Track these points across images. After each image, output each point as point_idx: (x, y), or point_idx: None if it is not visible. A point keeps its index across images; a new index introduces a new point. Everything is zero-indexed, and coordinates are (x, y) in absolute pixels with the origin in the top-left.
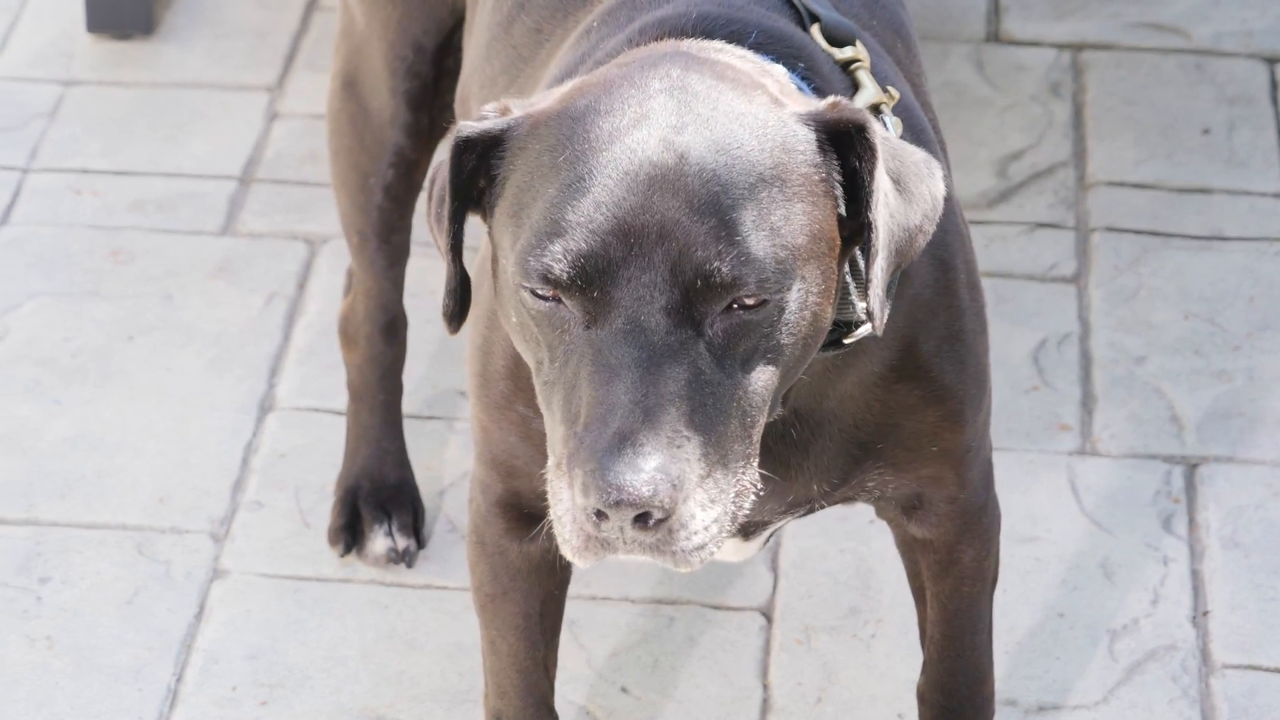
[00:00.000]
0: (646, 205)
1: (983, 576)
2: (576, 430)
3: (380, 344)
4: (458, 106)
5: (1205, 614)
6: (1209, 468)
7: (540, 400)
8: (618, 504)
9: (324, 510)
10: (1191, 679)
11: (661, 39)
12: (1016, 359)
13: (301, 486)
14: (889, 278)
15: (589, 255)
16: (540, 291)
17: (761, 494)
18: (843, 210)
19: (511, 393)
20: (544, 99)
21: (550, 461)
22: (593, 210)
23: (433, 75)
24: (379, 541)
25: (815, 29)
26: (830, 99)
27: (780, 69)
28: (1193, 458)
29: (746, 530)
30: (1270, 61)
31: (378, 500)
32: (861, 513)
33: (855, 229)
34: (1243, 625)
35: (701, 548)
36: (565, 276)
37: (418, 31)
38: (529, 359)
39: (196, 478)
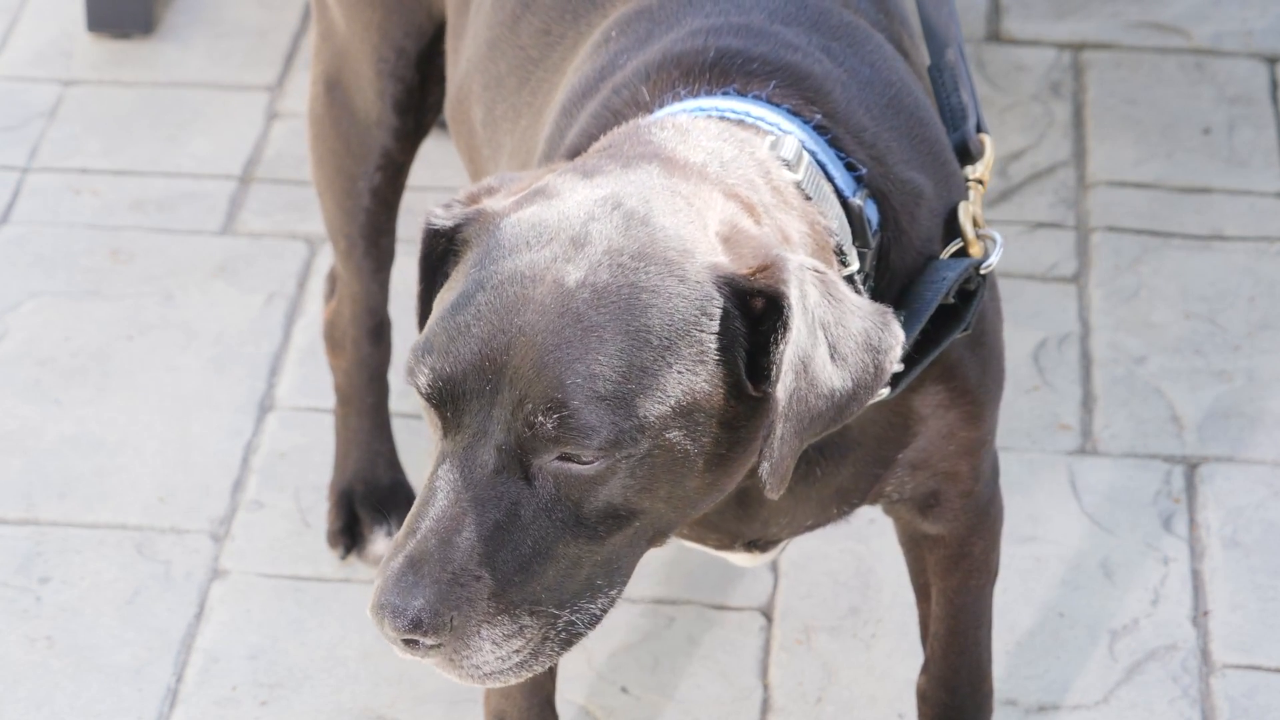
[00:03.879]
0: (511, 344)
1: (988, 569)
2: (396, 534)
3: (368, 347)
4: (452, 106)
5: (1205, 614)
6: (1209, 467)
7: None
8: (382, 623)
9: (324, 510)
10: (1192, 679)
11: (674, 82)
12: (1017, 359)
13: (301, 486)
14: (798, 445)
15: (447, 379)
16: (423, 391)
17: (780, 519)
18: (744, 376)
19: None
20: (516, 186)
21: None
22: (462, 334)
23: (417, 79)
24: (380, 542)
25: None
26: (763, 259)
27: (790, 141)
28: (1193, 457)
29: (763, 546)
30: (1270, 61)
31: (374, 502)
32: (862, 513)
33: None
34: (1243, 625)
35: (491, 674)
36: (426, 392)
37: (398, 35)
38: None
39: (196, 478)
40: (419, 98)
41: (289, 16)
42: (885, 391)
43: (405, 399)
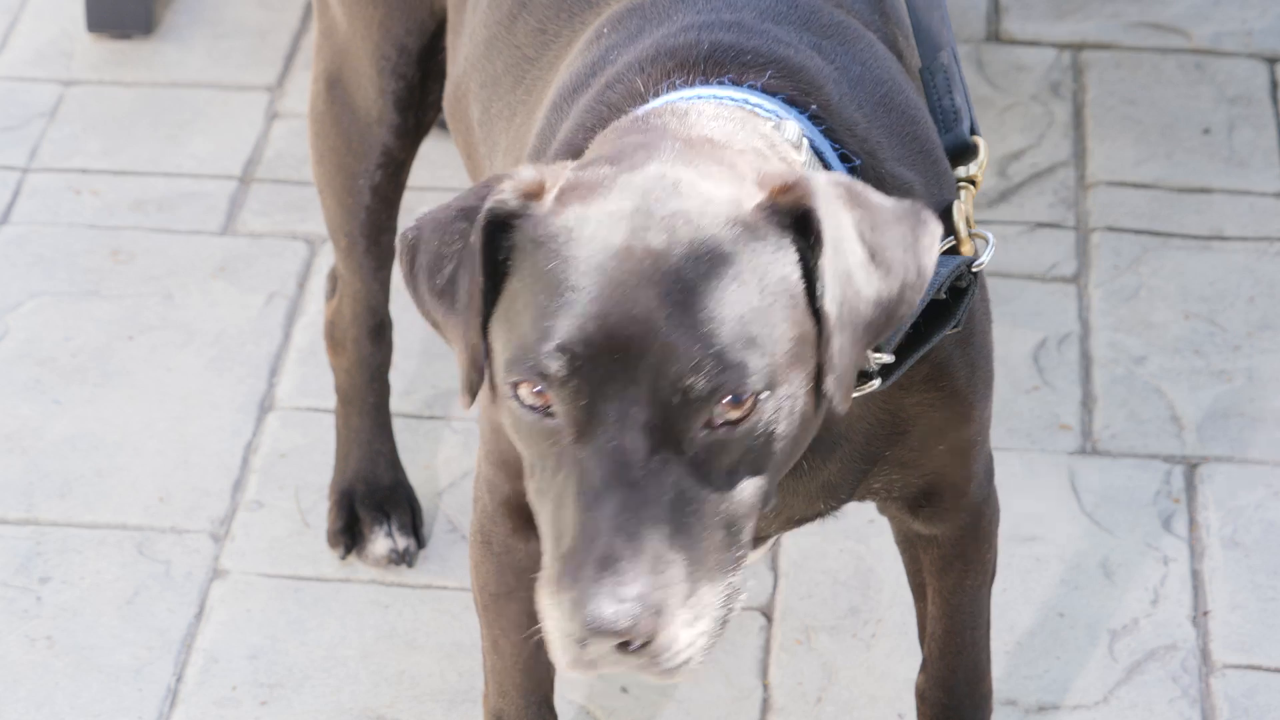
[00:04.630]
0: (629, 319)
1: (984, 569)
2: (562, 553)
3: (369, 346)
4: (450, 105)
5: (1205, 614)
6: (1209, 467)
7: (532, 502)
8: (598, 634)
9: (324, 510)
10: (1191, 679)
11: (670, 72)
12: (1016, 359)
13: (301, 486)
14: (856, 355)
15: (582, 359)
16: (528, 402)
17: (769, 512)
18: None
19: None
20: (551, 178)
21: (543, 573)
22: (581, 321)
23: (418, 76)
24: (380, 543)
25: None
26: (782, 180)
27: (791, 125)
28: (1193, 457)
29: (755, 540)
30: (1270, 61)
31: (375, 502)
32: (860, 513)
33: None
34: (1243, 625)
35: (687, 662)
36: (560, 374)
37: (400, 32)
38: (522, 456)
39: (196, 477)
40: (420, 95)
41: (289, 16)
42: (877, 383)
43: (406, 399)
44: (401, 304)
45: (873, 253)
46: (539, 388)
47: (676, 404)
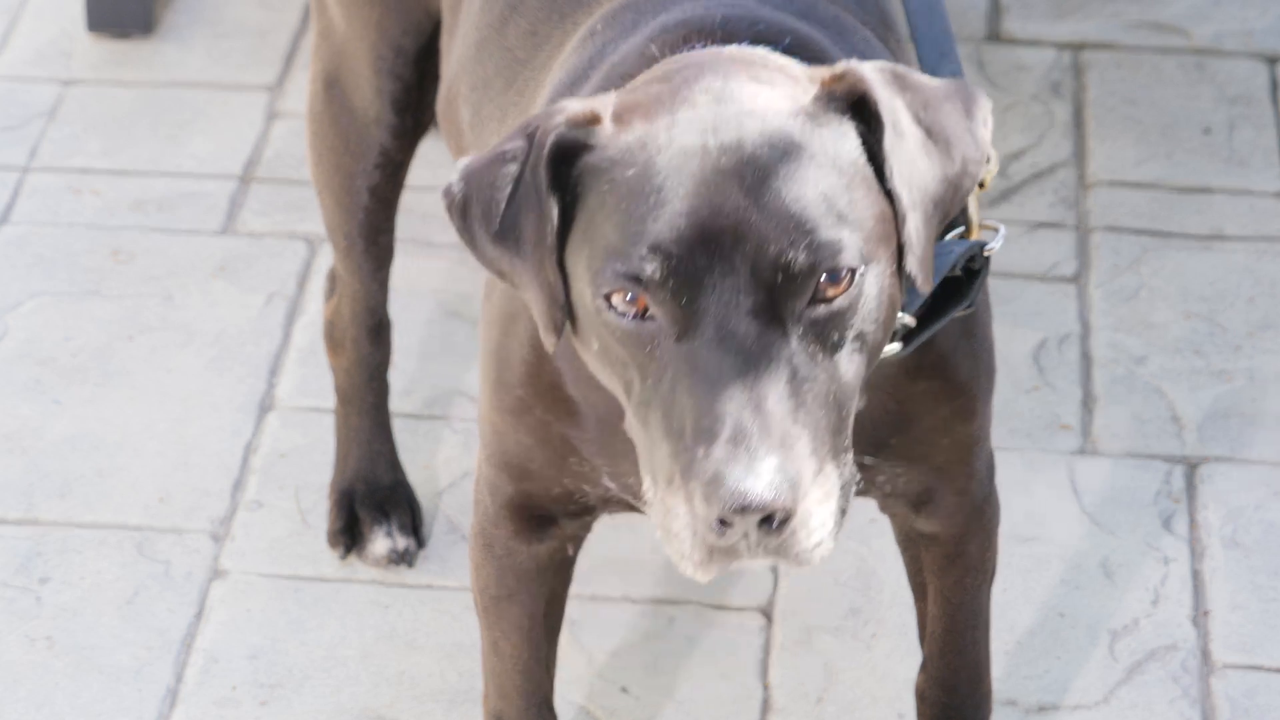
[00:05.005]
0: (718, 210)
1: (985, 569)
2: (685, 444)
3: (368, 346)
4: (442, 108)
5: (1205, 614)
6: (1209, 467)
7: (634, 421)
8: (743, 510)
9: (324, 510)
10: (1192, 679)
11: (687, 38)
12: (1017, 359)
13: (302, 486)
14: (930, 233)
15: (676, 258)
16: (623, 310)
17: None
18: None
19: (530, 398)
20: (598, 106)
21: (656, 480)
22: (671, 218)
23: (415, 77)
24: (380, 543)
25: None
26: (833, 70)
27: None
28: (1193, 457)
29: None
30: (1271, 61)
31: (374, 502)
32: (861, 512)
33: None
34: (1243, 625)
35: (820, 544)
36: (656, 276)
37: (397, 33)
38: (616, 384)
39: (196, 477)
40: (417, 96)
41: (289, 16)
42: (898, 346)
43: (405, 399)
44: (402, 306)
45: (929, 131)
46: (632, 295)
47: (779, 284)
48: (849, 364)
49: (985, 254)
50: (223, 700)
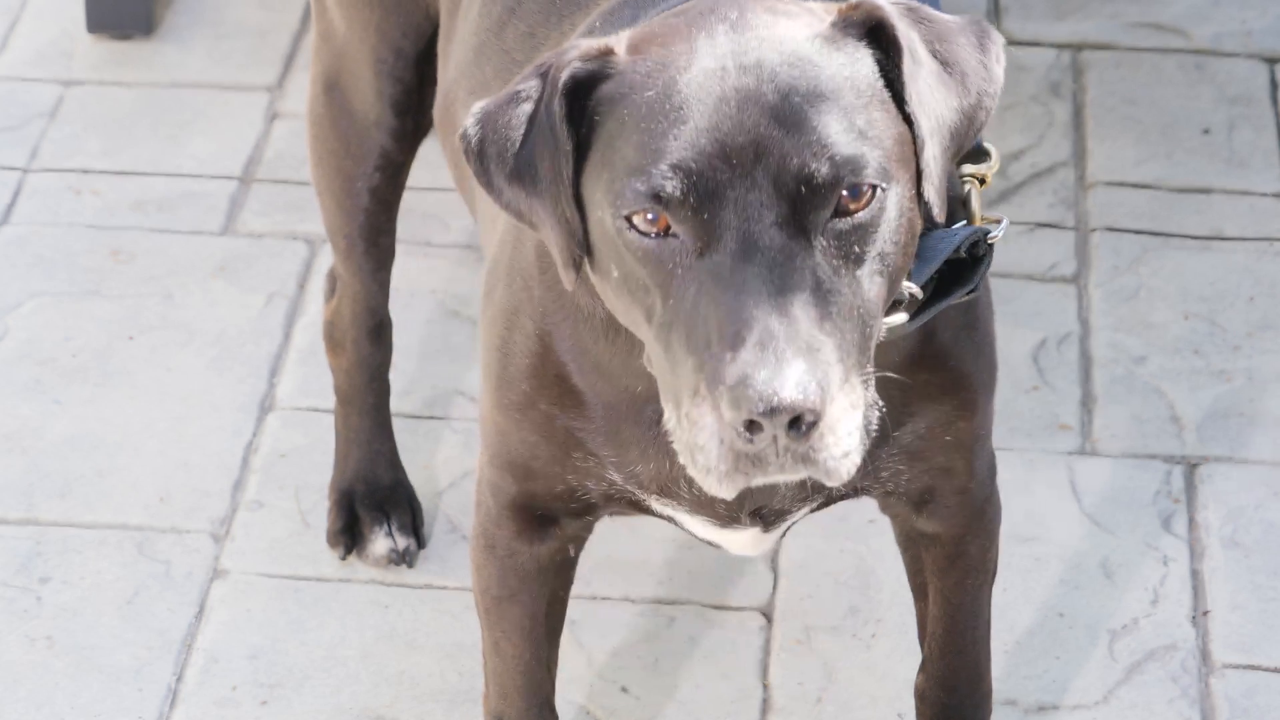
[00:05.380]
0: (739, 127)
1: (985, 569)
2: (711, 353)
3: (368, 347)
4: (439, 113)
5: (1205, 614)
6: (1209, 467)
7: (655, 347)
8: (772, 410)
9: (324, 510)
10: (1191, 679)
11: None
12: (1016, 359)
13: (302, 486)
14: (947, 164)
15: (697, 174)
16: (645, 229)
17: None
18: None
19: (534, 392)
20: (611, 41)
21: (680, 399)
22: (692, 136)
23: (415, 80)
24: (380, 543)
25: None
26: (848, 1)
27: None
28: (1193, 457)
29: (767, 520)
30: (1270, 61)
31: (374, 502)
32: (861, 513)
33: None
34: (1242, 625)
35: (848, 455)
36: (678, 193)
37: (397, 36)
38: (636, 313)
39: (197, 478)
40: (417, 98)
41: (289, 17)
42: (904, 318)
43: (405, 399)
44: (402, 306)
45: (944, 63)
46: (654, 214)
47: (802, 196)
48: (871, 283)
49: (989, 241)
50: (223, 700)
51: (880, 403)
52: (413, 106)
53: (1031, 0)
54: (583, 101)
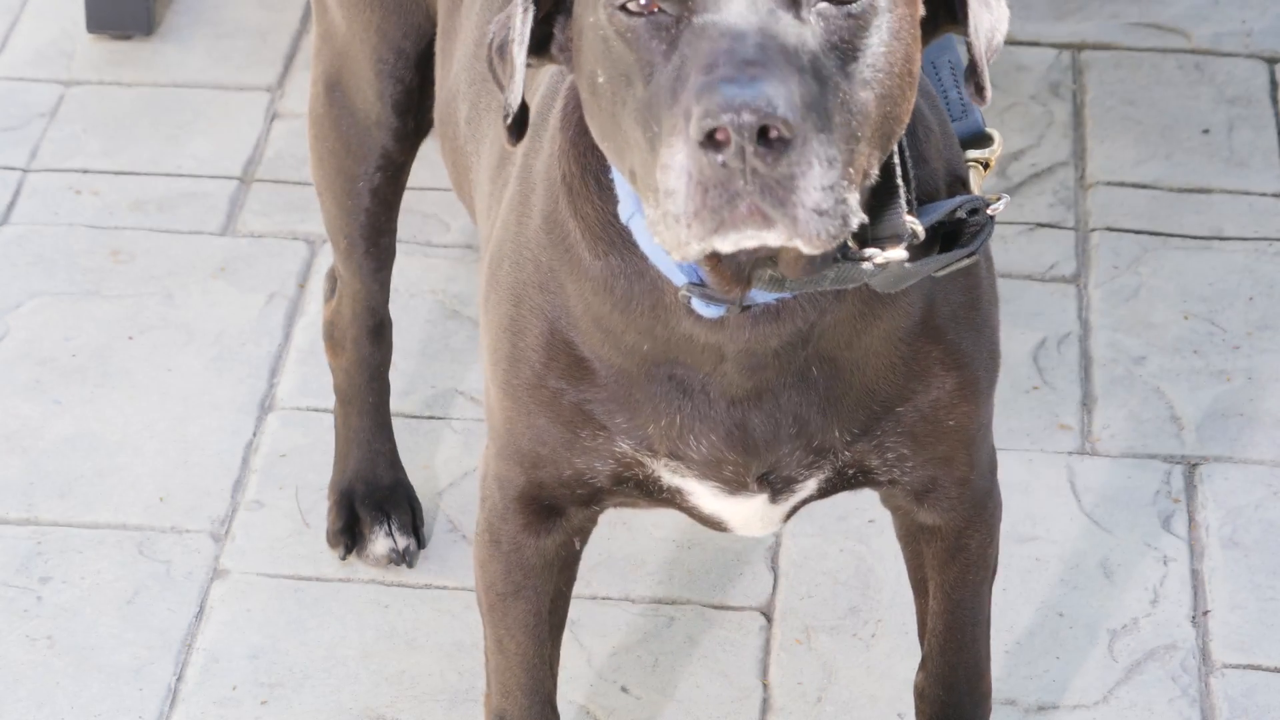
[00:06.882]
0: None
1: (986, 564)
2: (687, 86)
3: (368, 346)
4: (442, 108)
5: (1205, 613)
6: (1208, 467)
7: (636, 132)
8: (738, 109)
9: (324, 510)
10: (1191, 678)
11: None
12: (1016, 359)
13: (302, 486)
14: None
15: None
16: (636, 9)
17: (791, 436)
18: None
19: (545, 366)
20: None
21: (656, 163)
22: None
23: (416, 80)
24: (380, 542)
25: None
26: None
27: None
28: (1192, 457)
29: (775, 487)
30: (1270, 62)
31: (374, 501)
32: (861, 511)
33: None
34: (1242, 625)
35: (823, 214)
36: None
37: (398, 36)
38: (621, 114)
39: (197, 477)
40: (418, 98)
41: (289, 17)
42: (904, 253)
43: (405, 399)
44: (402, 306)
45: None
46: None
47: None
48: (858, 89)
49: (990, 212)
50: (223, 700)
51: (865, 218)
52: (414, 106)
53: (1031, 0)
54: None
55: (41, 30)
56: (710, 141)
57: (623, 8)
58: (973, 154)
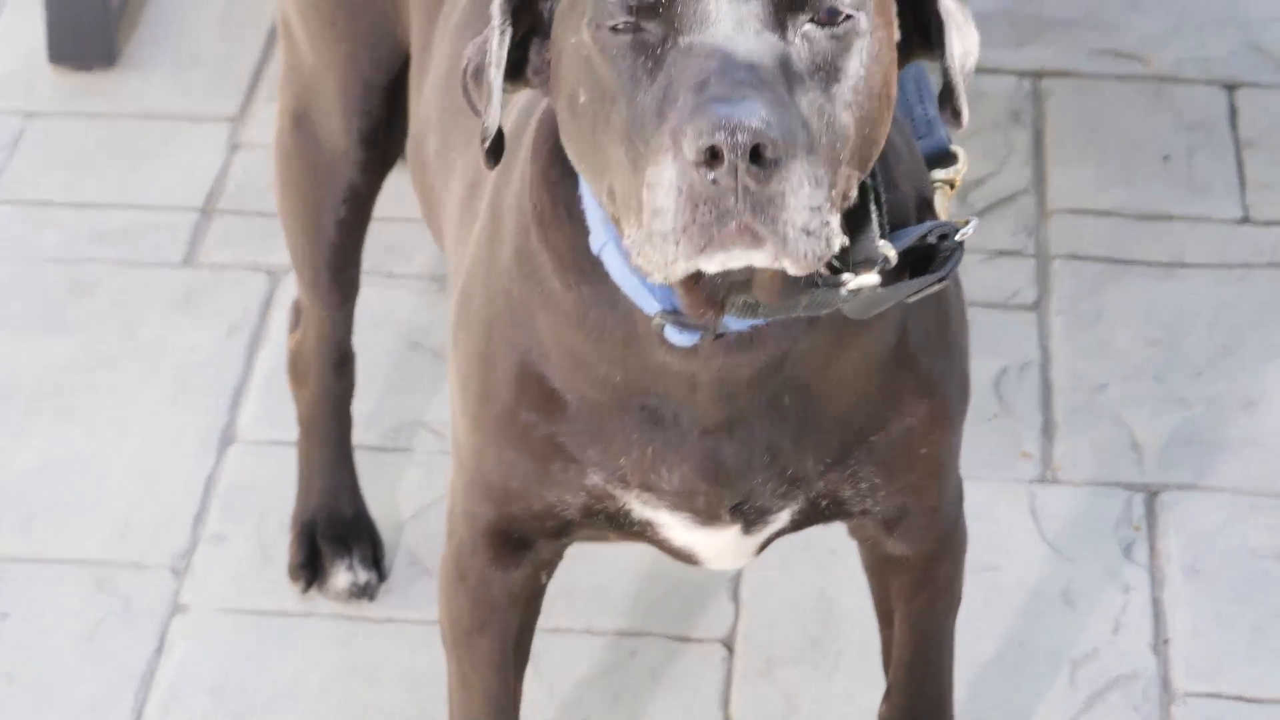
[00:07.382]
0: None
1: (952, 594)
2: (676, 105)
3: (332, 378)
4: (412, 147)
5: (1166, 642)
6: (1170, 495)
7: (618, 152)
8: (734, 129)
9: (286, 543)
10: (1153, 707)
11: None
12: (977, 387)
13: (263, 519)
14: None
15: None
16: (621, 25)
17: (764, 465)
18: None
19: (516, 400)
20: None
21: (639, 184)
22: None
23: (384, 113)
24: (341, 576)
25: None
26: None
27: None
28: (1154, 485)
29: (748, 519)
30: (1229, 88)
31: (336, 534)
32: (823, 542)
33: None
34: (1203, 652)
35: (810, 234)
36: None
37: (366, 68)
38: (602, 134)
39: (157, 511)
40: (385, 131)
41: (251, 47)
42: (876, 279)
43: (368, 431)
44: (364, 337)
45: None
46: (628, 19)
47: None
48: (841, 109)
49: (958, 238)
50: None
51: (845, 239)
52: (381, 139)
53: (991, 26)
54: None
55: (2, 62)
56: (702, 160)
57: (608, 27)
58: (939, 174)
